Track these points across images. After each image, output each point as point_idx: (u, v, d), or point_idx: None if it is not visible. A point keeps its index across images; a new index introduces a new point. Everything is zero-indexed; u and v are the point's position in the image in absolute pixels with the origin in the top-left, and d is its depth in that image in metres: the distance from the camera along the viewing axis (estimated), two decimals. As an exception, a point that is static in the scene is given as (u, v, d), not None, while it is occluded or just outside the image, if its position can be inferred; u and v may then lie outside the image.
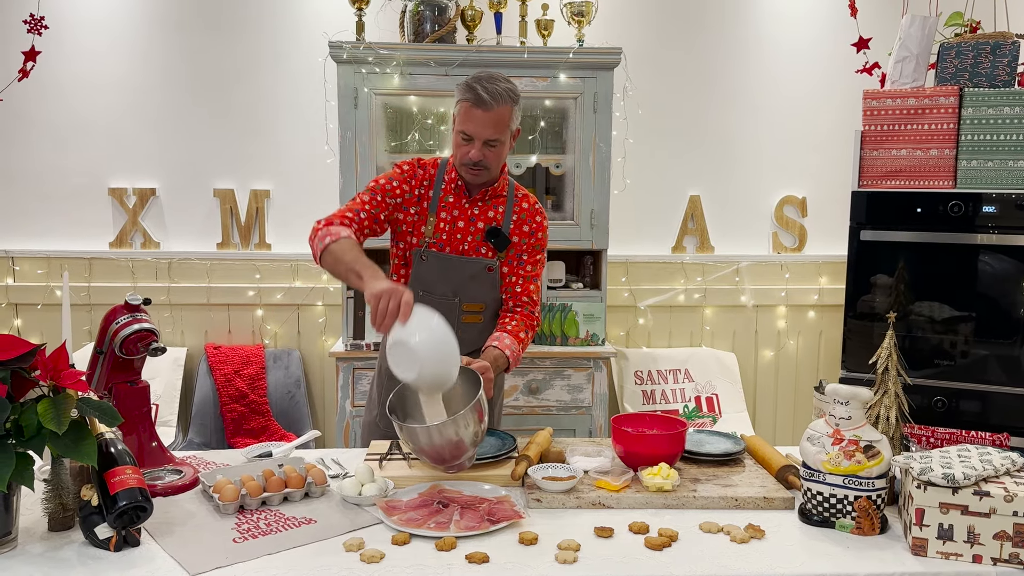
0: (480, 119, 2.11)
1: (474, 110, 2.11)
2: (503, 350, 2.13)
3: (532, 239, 2.30)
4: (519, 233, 2.29)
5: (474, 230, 2.26)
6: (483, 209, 2.27)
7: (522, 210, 2.30)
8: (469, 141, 2.15)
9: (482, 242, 2.26)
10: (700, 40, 3.94)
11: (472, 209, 2.26)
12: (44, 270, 3.82)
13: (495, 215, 2.27)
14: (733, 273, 4.03)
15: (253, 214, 3.87)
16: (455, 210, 2.25)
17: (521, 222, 2.29)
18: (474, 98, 2.11)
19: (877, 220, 3.16)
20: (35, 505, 1.70)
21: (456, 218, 2.25)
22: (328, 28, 3.64)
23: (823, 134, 4.00)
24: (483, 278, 2.26)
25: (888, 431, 1.82)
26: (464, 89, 2.14)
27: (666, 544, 1.59)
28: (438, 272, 2.24)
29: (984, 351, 3.06)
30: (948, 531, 1.54)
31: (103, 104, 3.78)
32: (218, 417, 3.71)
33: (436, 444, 1.75)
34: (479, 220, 2.26)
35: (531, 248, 2.31)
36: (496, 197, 2.28)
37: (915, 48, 3.13)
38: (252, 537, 1.62)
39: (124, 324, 1.91)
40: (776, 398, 4.14)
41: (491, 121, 2.12)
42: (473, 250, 2.26)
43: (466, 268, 2.25)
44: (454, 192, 2.26)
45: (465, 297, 2.25)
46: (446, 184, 2.26)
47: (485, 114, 2.11)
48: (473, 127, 2.13)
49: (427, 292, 2.24)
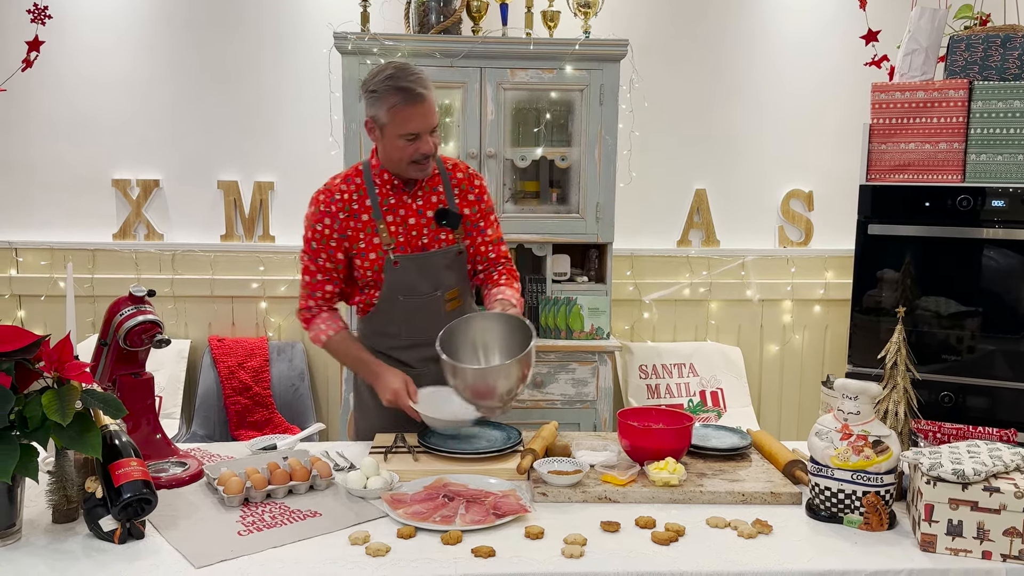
0: (420, 113, 2.07)
1: (410, 107, 2.06)
2: (509, 299, 2.20)
3: (480, 204, 2.28)
4: (466, 204, 2.26)
5: (425, 220, 2.22)
6: (425, 196, 2.22)
7: (459, 181, 2.26)
8: (415, 139, 2.08)
9: (437, 229, 2.22)
10: (707, 32, 3.91)
11: (415, 202, 2.21)
12: (48, 261, 3.81)
13: (437, 198, 2.24)
14: (739, 267, 4.02)
15: (257, 206, 3.86)
16: (400, 209, 2.20)
17: (464, 192, 2.26)
18: (405, 96, 2.05)
19: (885, 214, 3.14)
20: (39, 497, 1.69)
21: (405, 217, 2.21)
22: (333, 19, 3.62)
23: (830, 127, 3.97)
24: (455, 264, 2.26)
25: (896, 426, 1.81)
26: (387, 93, 2.06)
27: (673, 539, 1.58)
28: (415, 273, 2.21)
29: (991, 346, 3.04)
30: (958, 527, 1.53)
31: (107, 95, 3.77)
32: (222, 409, 3.71)
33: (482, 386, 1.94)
34: (426, 209, 2.22)
35: (484, 213, 2.29)
36: (431, 179, 2.23)
37: (924, 41, 3.10)
38: (257, 530, 1.61)
39: (128, 316, 1.91)
40: (781, 393, 4.13)
41: (429, 110, 2.08)
42: (433, 240, 2.23)
43: (439, 260, 2.23)
44: (392, 192, 2.20)
45: (444, 287, 2.24)
46: (380, 187, 2.20)
47: (422, 106, 2.07)
48: (416, 124, 2.07)
49: (408, 295, 2.21)
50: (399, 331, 2.25)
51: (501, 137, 3.40)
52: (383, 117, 2.08)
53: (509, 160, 3.47)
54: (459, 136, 3.41)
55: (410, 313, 2.22)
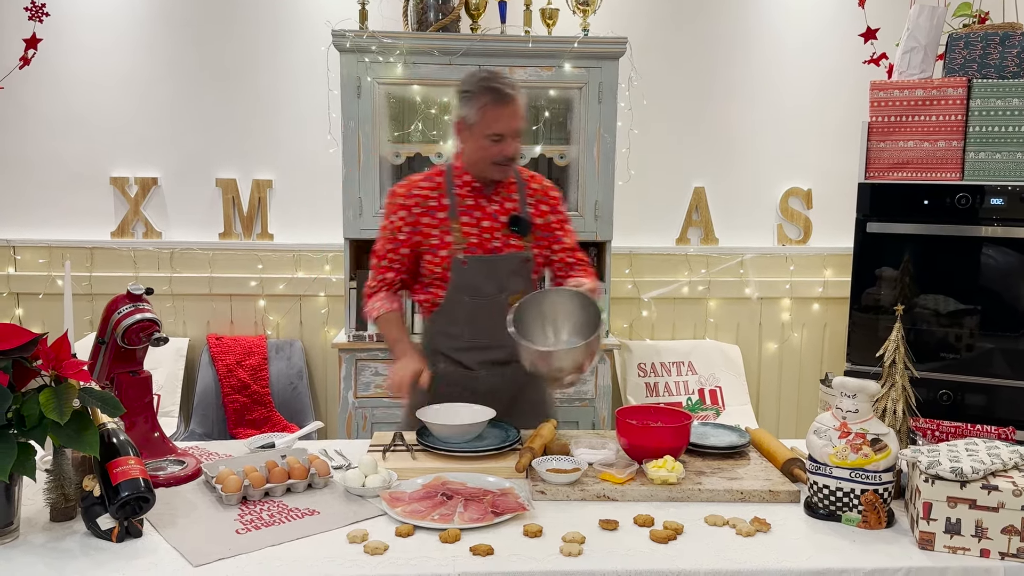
0: (508, 114, 2.15)
1: (500, 108, 2.14)
2: (583, 281, 2.23)
3: (555, 215, 2.35)
4: (539, 213, 2.32)
5: (498, 224, 2.27)
6: (501, 201, 2.29)
7: (534, 191, 2.33)
8: (501, 140, 2.15)
9: (508, 234, 2.28)
10: (706, 30, 3.91)
11: (491, 206, 2.28)
12: (46, 259, 3.81)
13: (512, 204, 2.30)
14: (737, 265, 4.01)
15: (255, 204, 3.86)
16: (476, 211, 2.26)
17: (539, 203, 2.33)
18: (496, 96, 2.14)
19: (883, 212, 3.14)
20: (37, 495, 1.69)
21: (479, 219, 2.26)
22: (331, 17, 3.62)
23: (829, 125, 3.97)
24: (522, 270, 2.30)
25: (895, 424, 1.81)
26: (480, 92, 2.15)
27: (671, 537, 1.58)
28: (482, 275, 2.25)
29: (990, 344, 3.04)
30: (956, 525, 1.53)
31: (105, 93, 3.76)
32: (220, 408, 3.70)
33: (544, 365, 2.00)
34: (500, 213, 2.28)
35: (560, 223, 2.36)
36: (507, 186, 2.30)
37: (923, 39, 3.10)
38: (255, 528, 1.61)
39: (126, 314, 1.91)
40: (780, 391, 4.13)
41: (516, 112, 2.16)
42: (504, 244, 2.28)
43: (507, 264, 2.27)
44: (471, 194, 2.27)
45: (510, 291, 2.27)
46: (460, 188, 2.27)
47: (510, 107, 2.15)
48: (504, 125, 2.14)
49: (474, 296, 2.25)
50: (461, 332, 2.28)
51: (500, 135, 3.39)
52: (473, 116, 2.16)
53: (508, 158, 3.46)
54: (458, 134, 3.40)
55: (473, 314, 2.26)
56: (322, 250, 3.87)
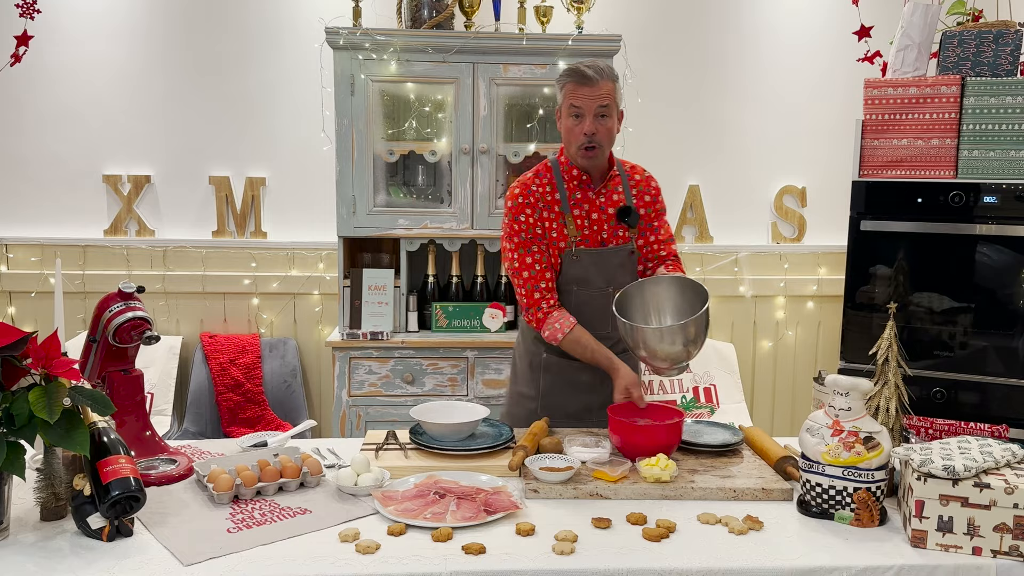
0: (587, 93, 2.18)
1: (580, 87, 2.18)
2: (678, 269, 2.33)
3: (655, 205, 2.38)
4: (642, 204, 2.36)
5: (606, 217, 2.31)
6: (607, 194, 2.32)
7: (637, 183, 2.37)
8: (580, 117, 2.19)
9: (616, 225, 2.31)
10: (700, 28, 3.91)
11: (599, 198, 2.30)
12: (38, 257, 3.79)
13: (619, 196, 2.32)
14: (732, 263, 4.02)
15: (249, 202, 3.84)
16: (585, 204, 2.30)
17: (642, 194, 2.36)
18: (579, 77, 2.18)
19: (877, 210, 3.15)
20: (27, 494, 1.68)
21: (589, 211, 2.30)
22: (325, 14, 3.61)
23: (824, 123, 3.97)
24: (628, 263, 2.33)
25: (888, 422, 1.81)
26: (566, 74, 2.21)
27: (664, 535, 1.57)
28: (592, 267, 2.28)
29: (983, 342, 3.04)
30: (948, 523, 1.53)
31: (98, 90, 3.75)
32: (213, 406, 3.69)
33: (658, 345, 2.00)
34: (608, 206, 2.31)
35: (658, 213, 2.39)
36: (612, 178, 2.33)
37: (917, 36, 3.10)
38: (246, 527, 1.60)
39: (117, 312, 1.90)
40: (774, 389, 4.13)
41: (597, 92, 2.18)
42: (612, 236, 2.31)
43: (614, 257, 2.31)
44: (580, 187, 2.29)
45: (616, 284, 2.28)
46: (568, 182, 2.30)
47: (592, 88, 2.17)
48: (582, 100, 2.18)
49: (582, 288, 2.29)
50: None
51: (494, 133, 3.39)
52: (559, 98, 2.25)
53: (502, 156, 3.46)
54: (451, 132, 3.40)
55: (580, 306, 2.28)
56: (316, 248, 3.86)
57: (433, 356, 3.35)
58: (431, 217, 3.43)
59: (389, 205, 3.50)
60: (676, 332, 2.00)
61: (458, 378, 3.37)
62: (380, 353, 3.33)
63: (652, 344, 2.01)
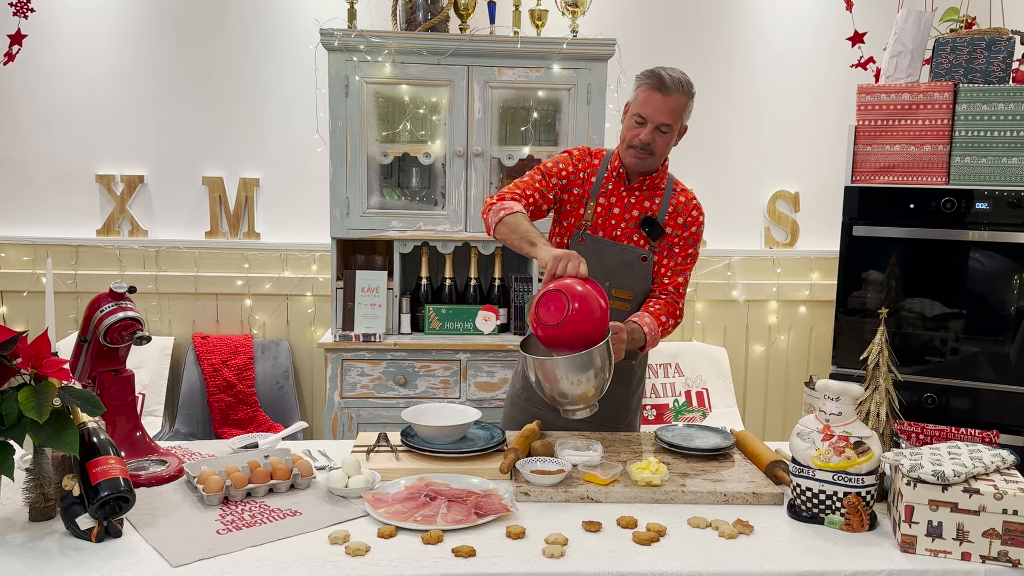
0: (658, 103, 2.18)
1: (654, 94, 2.18)
2: (642, 326, 2.17)
3: (685, 232, 2.33)
4: (673, 225, 2.32)
5: (628, 218, 2.30)
6: (639, 199, 2.31)
7: (679, 203, 2.33)
8: (642, 124, 2.21)
9: (635, 230, 2.30)
10: (694, 32, 3.92)
11: (629, 197, 2.31)
12: (30, 257, 3.78)
13: (651, 205, 2.32)
14: (725, 268, 4.02)
15: (242, 203, 3.84)
16: (612, 196, 2.31)
17: (676, 214, 2.32)
18: (657, 82, 2.18)
19: (870, 216, 3.15)
20: (16, 494, 1.68)
21: (612, 205, 2.31)
22: (319, 15, 3.61)
23: (817, 129, 3.99)
24: (636, 267, 2.30)
25: (878, 427, 1.82)
26: (647, 75, 2.22)
27: (654, 539, 1.58)
28: (593, 255, 2.24)
29: (975, 348, 3.05)
30: (937, 528, 1.53)
31: (91, 90, 3.74)
32: (205, 407, 3.68)
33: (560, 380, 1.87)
34: (634, 208, 2.31)
35: (683, 241, 2.33)
36: (654, 188, 2.32)
37: (910, 43, 3.12)
38: (236, 529, 1.60)
39: (108, 312, 1.89)
40: (766, 393, 4.14)
41: (668, 106, 2.19)
42: (625, 237, 2.31)
43: (621, 255, 2.29)
44: (614, 180, 2.31)
45: (615, 283, 2.28)
46: (608, 172, 2.32)
47: (664, 98, 2.18)
48: (650, 110, 2.19)
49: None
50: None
51: (488, 136, 3.39)
52: (632, 96, 2.26)
53: (496, 159, 3.46)
54: (446, 134, 3.40)
55: None
56: (309, 249, 3.85)
57: (426, 358, 3.35)
58: (424, 219, 3.42)
59: (383, 207, 3.49)
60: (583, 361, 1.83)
61: (451, 380, 3.36)
62: (373, 355, 3.33)
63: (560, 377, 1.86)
